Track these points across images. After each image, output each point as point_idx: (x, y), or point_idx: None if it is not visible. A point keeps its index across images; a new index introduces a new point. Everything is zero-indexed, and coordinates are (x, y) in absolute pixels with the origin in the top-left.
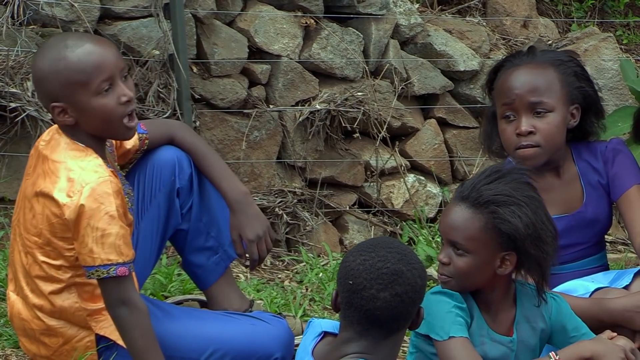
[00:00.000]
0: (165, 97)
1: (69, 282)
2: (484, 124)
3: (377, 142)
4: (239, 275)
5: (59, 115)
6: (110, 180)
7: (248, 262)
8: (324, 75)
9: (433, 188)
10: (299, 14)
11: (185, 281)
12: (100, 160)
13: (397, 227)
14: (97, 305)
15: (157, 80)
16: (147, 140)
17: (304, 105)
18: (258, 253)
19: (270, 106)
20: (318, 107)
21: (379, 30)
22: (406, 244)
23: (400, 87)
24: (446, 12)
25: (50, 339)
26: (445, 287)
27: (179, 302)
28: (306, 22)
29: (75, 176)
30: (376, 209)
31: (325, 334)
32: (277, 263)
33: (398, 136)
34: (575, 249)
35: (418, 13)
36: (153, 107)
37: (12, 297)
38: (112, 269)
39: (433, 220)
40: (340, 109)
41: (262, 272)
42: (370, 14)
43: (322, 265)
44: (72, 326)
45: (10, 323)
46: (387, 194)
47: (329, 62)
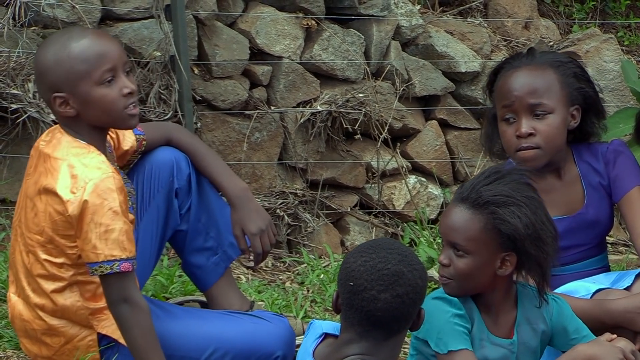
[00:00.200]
0: (167, 98)
1: (70, 281)
2: (485, 125)
3: (379, 144)
4: (240, 276)
5: (61, 106)
6: (114, 176)
7: (252, 258)
8: (325, 77)
9: (434, 189)
10: (300, 15)
11: (186, 282)
12: (103, 157)
13: (399, 229)
14: (99, 304)
15: (159, 81)
16: (144, 142)
17: (305, 107)
18: (262, 247)
19: (272, 107)
20: (319, 108)
21: (380, 32)
22: (407, 245)
23: (401, 89)
24: (447, 14)
25: (52, 338)
26: (446, 290)
27: (180, 303)
28: (307, 24)
29: (79, 172)
30: (377, 210)
31: (326, 335)
32: (278, 264)
33: (399, 137)
34: (577, 250)
35: (419, 14)
36: (154, 108)
37: (13, 298)
38: (115, 265)
39: (434, 221)
40: (342, 110)
41: (264, 274)
42: (372, 16)
43: (324, 266)
44: (74, 325)
45: (11, 325)
46: (389, 196)
47: (330, 63)
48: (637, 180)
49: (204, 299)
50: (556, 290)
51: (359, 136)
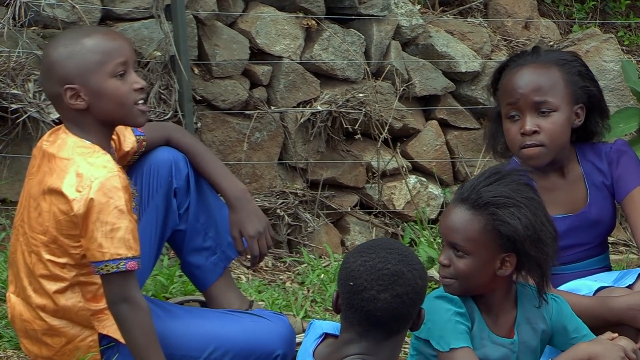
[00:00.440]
0: (167, 98)
1: (73, 281)
2: (488, 124)
3: (379, 144)
4: (240, 276)
5: (72, 99)
6: (119, 175)
7: (249, 259)
8: (326, 77)
9: (434, 189)
10: (301, 15)
11: (186, 282)
12: (108, 156)
13: (399, 229)
14: (100, 305)
15: (159, 81)
16: (144, 143)
17: (306, 107)
18: (259, 249)
19: (272, 107)
20: (319, 108)
21: (380, 32)
22: (408, 245)
23: (401, 88)
24: (447, 14)
25: (53, 339)
26: (446, 290)
27: (180, 303)
28: (307, 24)
29: (84, 171)
30: (377, 210)
31: (326, 335)
32: (278, 264)
33: (399, 137)
34: (579, 249)
35: (419, 14)
36: (154, 108)
37: (12, 298)
38: (121, 264)
39: (434, 221)
40: (342, 110)
41: (264, 273)
42: (372, 15)
43: (324, 266)
44: (75, 326)
45: (10, 325)
46: (389, 195)
47: (330, 63)
48: None
49: (204, 298)
50: (558, 288)
51: (359, 136)
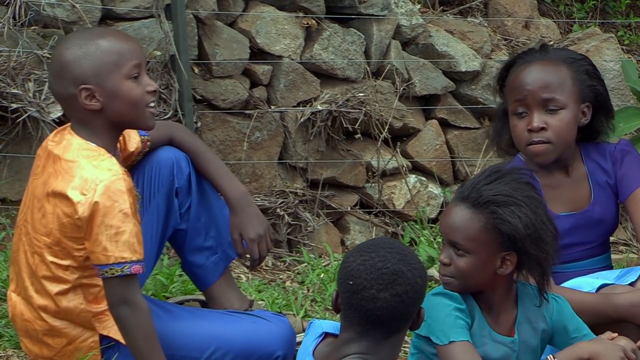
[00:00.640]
0: (167, 97)
1: (75, 284)
2: (494, 120)
3: (379, 143)
4: (240, 275)
5: (86, 99)
6: (124, 178)
7: (248, 262)
8: (326, 76)
9: (434, 189)
10: (301, 14)
11: (186, 282)
12: (113, 159)
13: (399, 228)
14: (102, 307)
15: (159, 81)
16: (148, 143)
17: (306, 106)
18: (259, 252)
19: (272, 107)
20: (319, 107)
21: (380, 31)
22: (408, 244)
23: (401, 88)
24: (447, 13)
25: (54, 339)
26: (447, 288)
27: (180, 303)
28: (307, 23)
29: (89, 174)
30: (377, 209)
31: (326, 334)
32: (278, 264)
33: (399, 137)
34: (581, 248)
35: (419, 14)
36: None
37: (13, 297)
38: (126, 267)
39: (434, 220)
40: (342, 109)
41: (264, 273)
42: (372, 15)
43: (324, 265)
44: (76, 327)
45: (11, 324)
46: (389, 195)
47: (330, 62)
48: None
49: (204, 298)
50: (560, 285)
51: (359, 135)
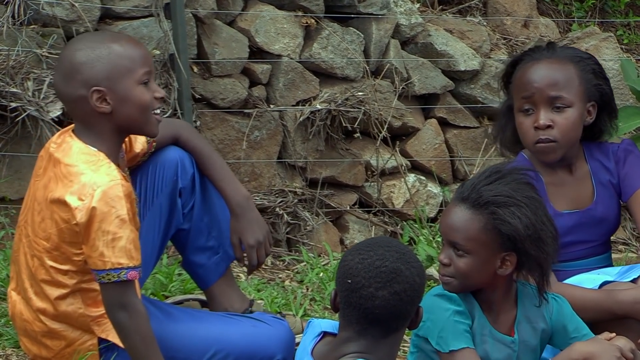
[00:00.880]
0: (167, 96)
1: (74, 288)
2: (498, 117)
3: (378, 142)
4: (240, 274)
5: (97, 102)
6: (122, 183)
7: (246, 266)
8: (325, 75)
9: (434, 188)
10: (300, 13)
11: (185, 281)
12: (112, 165)
13: (398, 227)
14: (100, 311)
15: (158, 80)
16: (154, 143)
17: (305, 105)
18: (257, 258)
19: (271, 106)
20: (319, 107)
21: (379, 30)
22: (407, 244)
23: (400, 87)
24: (447, 12)
25: (52, 341)
26: (446, 288)
27: (180, 302)
28: (307, 22)
29: (87, 179)
30: (377, 208)
31: (325, 334)
32: (277, 263)
33: (399, 136)
34: (583, 246)
35: (419, 13)
36: None
37: (13, 296)
38: (122, 273)
39: (434, 220)
40: (341, 108)
41: (263, 272)
42: (371, 14)
43: (323, 265)
44: (75, 330)
45: (10, 322)
46: (388, 194)
47: (329, 62)
48: None
49: (203, 297)
50: (564, 281)
51: (358, 135)
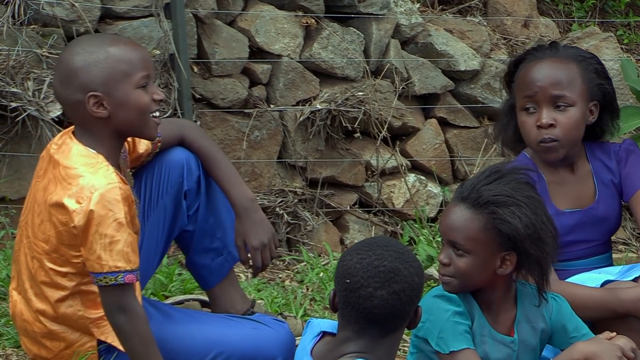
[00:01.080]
0: (166, 96)
1: (73, 290)
2: (500, 116)
3: (378, 142)
4: (240, 274)
5: (94, 106)
6: (120, 186)
7: (251, 268)
8: (325, 75)
9: (434, 188)
10: (300, 13)
11: (185, 281)
12: (111, 168)
13: (398, 227)
14: (100, 313)
15: (158, 80)
16: (159, 144)
17: (305, 105)
18: (262, 261)
19: (271, 106)
20: (319, 106)
21: (379, 30)
22: (407, 244)
23: (401, 87)
24: (447, 12)
25: (52, 342)
26: (446, 288)
27: (180, 302)
28: (307, 22)
29: (85, 182)
30: (377, 208)
31: (324, 333)
32: (277, 263)
33: (399, 136)
34: (585, 245)
35: (419, 13)
36: None
37: (14, 295)
38: (120, 276)
39: (434, 220)
40: (341, 108)
41: (263, 272)
42: (371, 14)
43: (323, 264)
44: (74, 331)
45: (11, 322)
46: (388, 194)
47: (329, 61)
48: None
49: (204, 297)
50: (566, 280)
51: (358, 134)
